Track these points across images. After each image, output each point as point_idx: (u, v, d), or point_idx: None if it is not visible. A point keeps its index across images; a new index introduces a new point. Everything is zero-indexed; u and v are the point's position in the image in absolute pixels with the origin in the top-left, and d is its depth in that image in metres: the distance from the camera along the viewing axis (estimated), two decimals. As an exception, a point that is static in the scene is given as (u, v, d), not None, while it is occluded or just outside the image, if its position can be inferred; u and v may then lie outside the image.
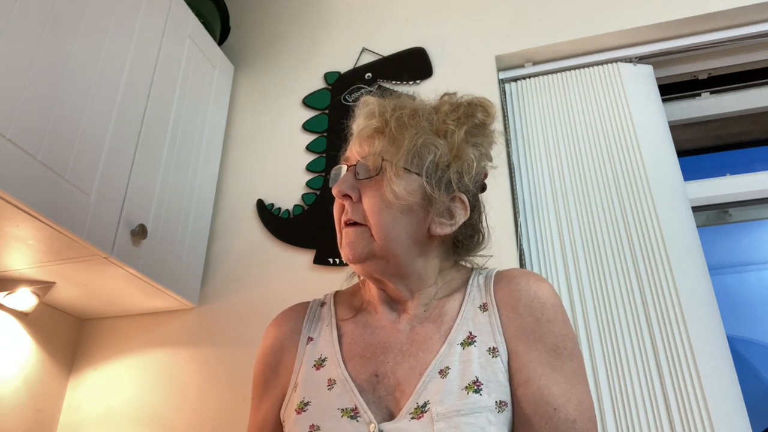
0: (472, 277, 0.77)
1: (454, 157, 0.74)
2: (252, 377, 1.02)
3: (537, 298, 0.69)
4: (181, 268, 1.38)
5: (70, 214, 1.06)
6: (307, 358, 0.76)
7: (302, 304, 0.87)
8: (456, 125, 0.76)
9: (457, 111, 0.78)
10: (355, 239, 0.73)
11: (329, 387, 0.71)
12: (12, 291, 1.23)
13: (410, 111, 0.76)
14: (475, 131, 0.78)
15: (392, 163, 0.72)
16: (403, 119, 0.74)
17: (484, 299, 0.73)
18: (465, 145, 0.75)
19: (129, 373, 1.41)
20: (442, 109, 0.78)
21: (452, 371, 0.66)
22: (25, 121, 0.99)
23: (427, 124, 0.76)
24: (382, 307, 0.78)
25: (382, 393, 0.68)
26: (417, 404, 0.64)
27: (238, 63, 1.80)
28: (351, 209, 0.74)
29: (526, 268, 1.26)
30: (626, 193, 1.29)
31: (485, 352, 0.67)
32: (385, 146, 0.73)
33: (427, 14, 1.67)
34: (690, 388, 1.06)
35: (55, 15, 1.09)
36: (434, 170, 0.73)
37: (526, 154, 1.42)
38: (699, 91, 1.53)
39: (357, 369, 0.72)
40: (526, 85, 1.53)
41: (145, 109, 1.32)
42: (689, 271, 1.18)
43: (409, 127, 0.74)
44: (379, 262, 0.74)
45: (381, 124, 0.75)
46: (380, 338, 0.74)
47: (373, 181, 0.73)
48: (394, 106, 0.77)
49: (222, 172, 1.63)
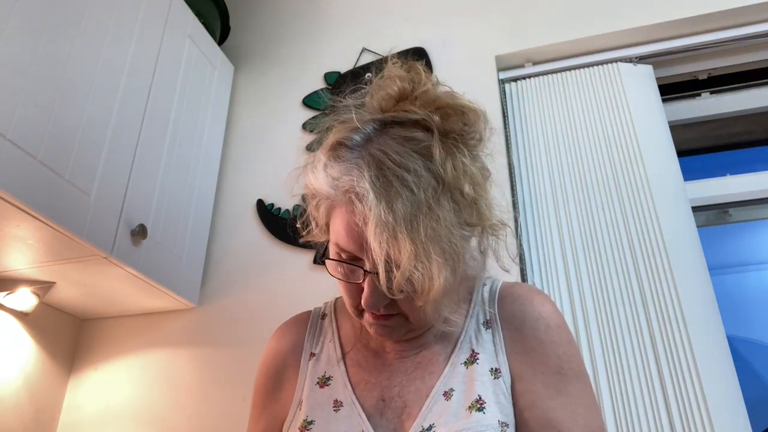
0: (477, 289, 0.74)
1: (475, 209, 0.64)
2: (251, 377, 1.00)
3: (541, 319, 0.68)
4: (181, 268, 1.38)
5: (70, 214, 1.06)
6: (310, 374, 0.73)
7: (303, 316, 0.82)
8: (470, 182, 0.64)
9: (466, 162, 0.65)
10: (393, 327, 0.66)
11: (335, 408, 0.68)
12: (12, 291, 1.23)
13: (407, 196, 0.59)
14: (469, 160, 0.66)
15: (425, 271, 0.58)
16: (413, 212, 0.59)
17: (488, 315, 0.71)
18: (476, 187, 0.65)
19: (129, 373, 1.41)
20: (448, 170, 0.62)
21: (456, 393, 0.64)
22: (25, 121, 0.99)
23: (448, 205, 0.61)
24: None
25: (390, 416, 0.66)
26: (423, 427, 0.63)
27: (238, 63, 1.80)
28: (384, 308, 0.65)
29: (528, 282, 1.25)
30: (626, 193, 1.29)
31: (488, 371, 0.66)
32: (409, 255, 0.57)
33: (427, 14, 1.67)
34: (690, 388, 1.06)
35: (55, 15, 1.09)
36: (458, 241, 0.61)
37: (526, 154, 1.42)
38: (699, 91, 1.53)
39: (364, 394, 0.69)
40: (526, 85, 1.53)
41: (145, 109, 1.32)
42: (689, 271, 1.18)
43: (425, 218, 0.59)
44: (413, 328, 0.68)
45: (387, 221, 0.58)
46: (386, 361, 0.71)
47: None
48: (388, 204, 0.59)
49: (222, 172, 1.63)
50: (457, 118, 0.66)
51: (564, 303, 1.21)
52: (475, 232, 0.65)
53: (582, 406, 0.63)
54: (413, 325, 0.67)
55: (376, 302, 0.63)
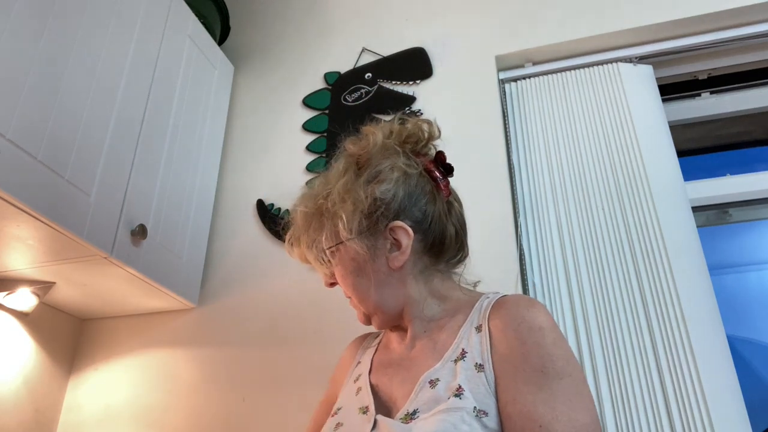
0: (479, 301, 0.81)
1: (348, 206, 0.79)
2: (251, 377, 1.27)
3: (524, 322, 0.71)
4: (181, 268, 1.38)
5: (70, 214, 1.06)
6: (352, 376, 0.88)
7: (366, 334, 1.00)
8: (336, 182, 0.82)
9: (339, 170, 0.84)
10: (357, 311, 0.87)
11: (357, 394, 0.81)
12: (12, 291, 1.23)
13: (309, 204, 0.85)
14: (359, 172, 0.82)
15: (327, 253, 0.84)
16: (308, 223, 0.85)
17: (480, 321, 0.76)
18: (351, 193, 0.80)
19: (129, 373, 1.41)
20: (329, 181, 0.84)
21: (441, 382, 0.70)
22: (25, 121, 0.99)
23: (323, 202, 0.83)
24: (393, 332, 0.88)
25: (385, 399, 0.77)
26: (408, 411, 0.69)
27: (238, 63, 1.80)
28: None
29: (528, 282, 1.26)
30: (626, 193, 1.29)
31: (472, 366, 0.71)
32: (310, 245, 0.86)
33: (427, 14, 1.67)
34: (690, 388, 1.06)
35: (55, 15, 1.09)
36: (338, 235, 0.81)
37: (526, 154, 1.42)
38: (699, 91, 1.53)
39: (375, 379, 0.82)
40: (526, 85, 1.53)
41: (145, 109, 1.32)
42: (689, 271, 1.18)
43: (312, 224, 0.84)
44: (377, 319, 0.84)
45: (300, 236, 0.87)
46: (391, 357, 0.84)
47: (336, 269, 0.85)
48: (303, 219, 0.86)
49: (222, 172, 1.63)
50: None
51: (564, 303, 1.21)
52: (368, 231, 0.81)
53: (565, 404, 0.64)
54: (364, 309, 0.84)
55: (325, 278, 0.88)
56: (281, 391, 1.28)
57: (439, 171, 0.85)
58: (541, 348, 0.68)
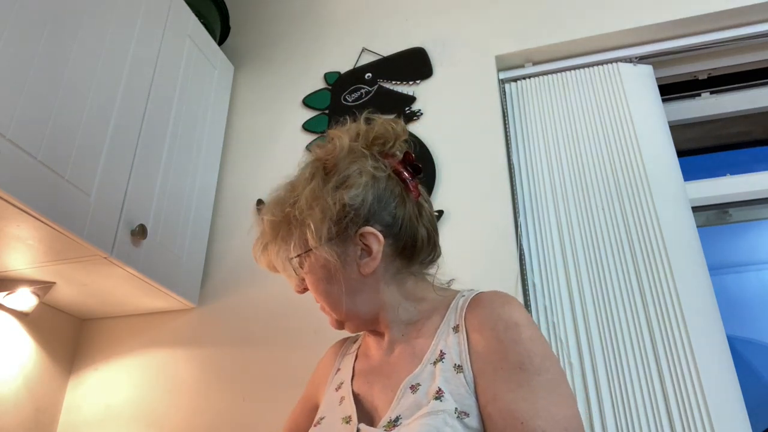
0: (455, 299, 0.80)
1: (316, 214, 0.77)
2: (251, 377, 1.26)
3: (500, 320, 0.71)
4: (181, 268, 1.38)
5: (70, 214, 1.06)
6: (332, 383, 0.87)
7: (344, 339, 0.98)
8: (303, 188, 0.80)
9: (306, 176, 0.83)
10: (329, 317, 0.85)
11: (340, 404, 0.79)
12: (12, 291, 1.23)
13: (277, 213, 0.83)
14: (327, 178, 0.80)
15: (291, 261, 0.81)
16: (274, 227, 0.82)
17: (457, 321, 0.75)
18: (319, 200, 0.77)
19: (129, 373, 1.41)
20: (296, 187, 0.83)
21: (422, 387, 0.70)
22: (25, 121, 1.00)
23: (290, 210, 0.81)
24: (371, 338, 0.87)
25: (368, 408, 0.76)
26: (390, 418, 0.69)
27: (238, 63, 1.80)
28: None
29: (528, 282, 1.26)
30: (626, 192, 1.29)
31: (451, 367, 0.70)
32: (278, 254, 0.83)
33: (427, 14, 1.67)
34: (690, 388, 1.06)
35: (55, 15, 1.09)
36: (306, 241, 0.78)
37: (526, 154, 1.42)
38: (699, 91, 1.53)
39: (357, 387, 0.81)
40: (526, 85, 1.53)
41: (145, 109, 1.32)
42: (689, 271, 1.18)
43: (279, 231, 0.82)
44: (350, 324, 0.83)
45: (267, 242, 0.84)
46: (371, 365, 0.83)
47: (306, 276, 0.83)
48: (270, 220, 0.84)
49: (222, 172, 1.63)
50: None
51: (564, 303, 1.21)
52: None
53: (545, 399, 0.64)
54: (336, 316, 0.83)
55: (296, 287, 0.86)
56: (281, 391, 1.28)
57: (408, 171, 0.84)
58: (518, 345, 0.68)
